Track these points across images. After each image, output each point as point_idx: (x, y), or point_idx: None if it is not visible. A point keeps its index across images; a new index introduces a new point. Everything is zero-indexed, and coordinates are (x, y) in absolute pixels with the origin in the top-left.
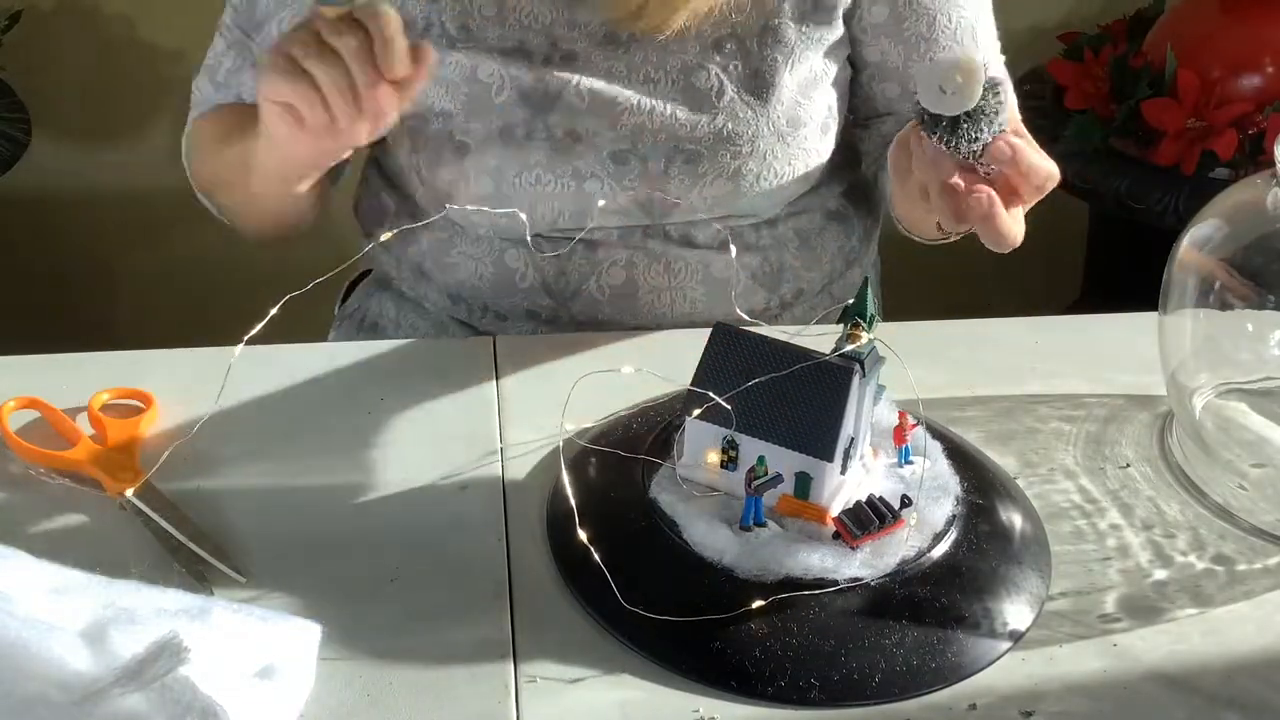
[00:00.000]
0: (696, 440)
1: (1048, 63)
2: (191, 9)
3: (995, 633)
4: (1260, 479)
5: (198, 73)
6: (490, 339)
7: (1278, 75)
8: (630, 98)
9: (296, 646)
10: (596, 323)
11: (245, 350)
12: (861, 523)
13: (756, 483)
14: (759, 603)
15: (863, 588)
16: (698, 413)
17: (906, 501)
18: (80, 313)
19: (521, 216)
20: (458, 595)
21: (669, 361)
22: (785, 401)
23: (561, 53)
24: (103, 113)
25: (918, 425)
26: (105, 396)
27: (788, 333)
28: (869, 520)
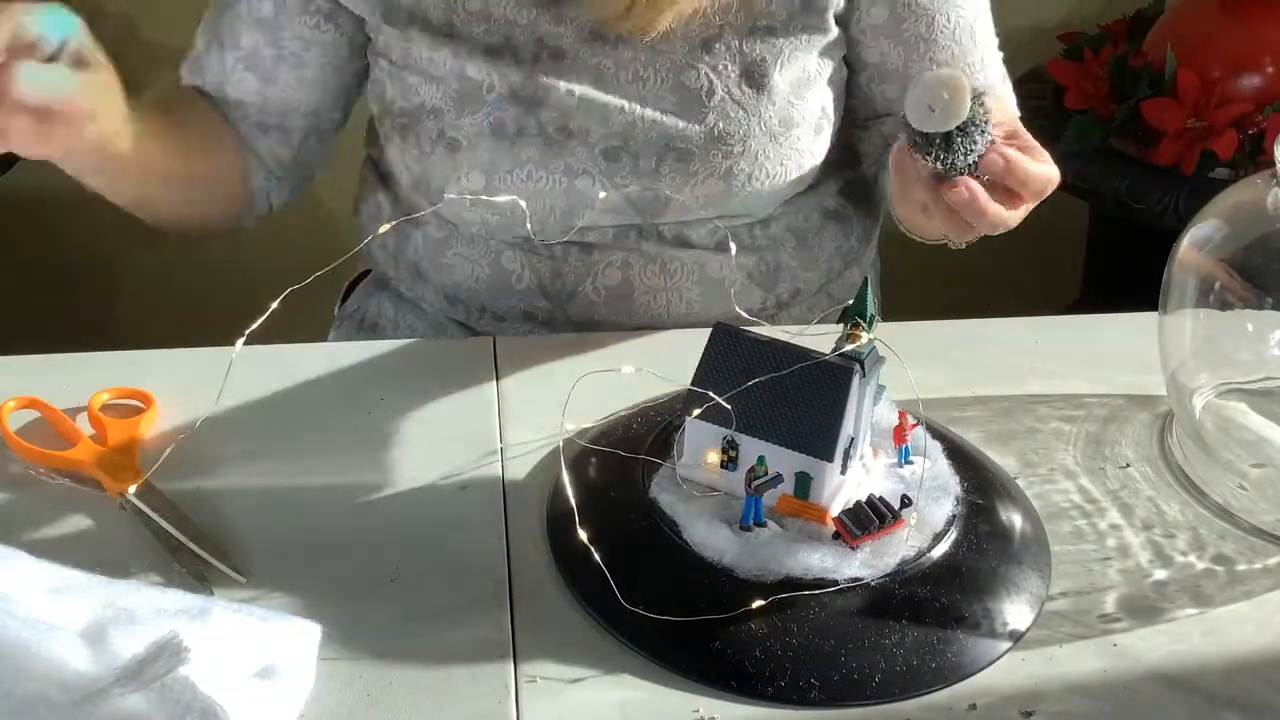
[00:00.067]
0: (696, 440)
1: (1048, 63)
2: (191, 9)
3: (995, 633)
4: (1260, 479)
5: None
6: (490, 339)
7: (1278, 75)
8: (620, 97)
9: (296, 646)
10: (593, 324)
11: (245, 350)
12: (861, 523)
13: (756, 483)
14: (759, 603)
15: (863, 588)
16: (698, 413)
17: (906, 501)
18: (80, 313)
19: (521, 204)
20: (458, 595)
21: (669, 361)
22: (785, 401)
23: (549, 50)
24: None
25: (918, 425)
26: (105, 396)
27: (788, 333)
28: (869, 520)
